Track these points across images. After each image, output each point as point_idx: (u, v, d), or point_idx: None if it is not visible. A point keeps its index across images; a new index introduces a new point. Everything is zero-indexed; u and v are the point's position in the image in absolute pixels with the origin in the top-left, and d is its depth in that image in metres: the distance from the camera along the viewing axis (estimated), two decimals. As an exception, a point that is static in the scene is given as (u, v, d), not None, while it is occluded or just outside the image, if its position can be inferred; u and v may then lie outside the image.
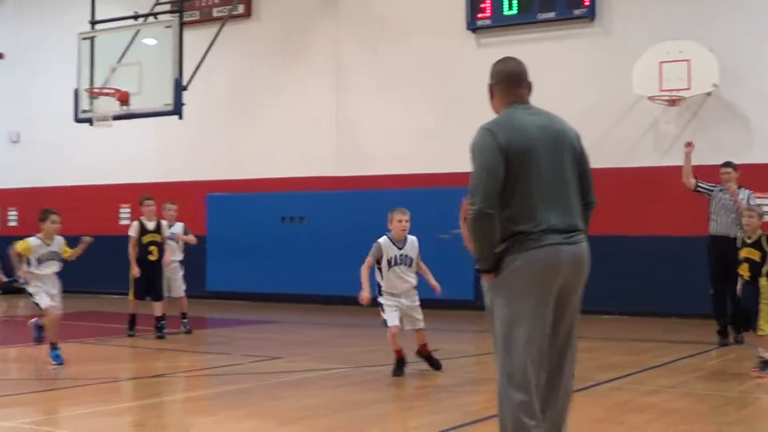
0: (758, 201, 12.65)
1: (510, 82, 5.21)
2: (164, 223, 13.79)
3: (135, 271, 13.36)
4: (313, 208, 19.91)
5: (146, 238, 13.48)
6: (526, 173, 4.88)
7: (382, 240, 9.81)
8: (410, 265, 9.83)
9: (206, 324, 16.70)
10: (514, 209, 4.88)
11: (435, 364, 10.01)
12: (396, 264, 9.73)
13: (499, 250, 4.91)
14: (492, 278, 4.97)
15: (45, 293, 10.52)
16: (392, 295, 9.74)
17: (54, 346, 10.44)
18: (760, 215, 10.15)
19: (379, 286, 9.82)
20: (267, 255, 20.16)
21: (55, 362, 10.33)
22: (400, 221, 9.77)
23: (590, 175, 5.23)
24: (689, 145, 13.09)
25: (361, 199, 19.05)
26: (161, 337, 13.19)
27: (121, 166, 22.65)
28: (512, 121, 5.03)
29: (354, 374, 10.03)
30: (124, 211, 22.41)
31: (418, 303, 9.88)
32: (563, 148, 5.06)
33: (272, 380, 9.51)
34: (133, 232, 13.57)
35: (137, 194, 21.99)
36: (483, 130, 5.00)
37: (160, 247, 13.54)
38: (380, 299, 9.79)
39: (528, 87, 5.26)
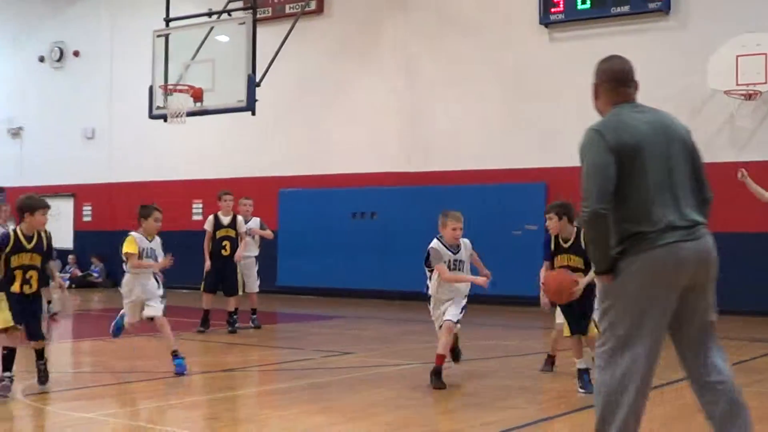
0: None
1: (617, 81, 5.11)
2: (240, 218, 13.80)
3: (207, 264, 13.48)
4: (383, 203, 19.94)
5: (220, 233, 13.56)
6: (638, 171, 4.77)
7: (436, 245, 9.06)
8: (463, 270, 9.16)
9: (277, 319, 16.82)
10: (629, 209, 4.78)
11: (438, 381, 8.89)
12: (450, 269, 9.04)
13: (616, 252, 4.80)
14: (610, 279, 4.83)
15: (134, 300, 9.89)
16: (441, 302, 9.12)
17: (175, 354, 9.60)
18: None
19: (428, 292, 9.22)
20: (338, 250, 20.25)
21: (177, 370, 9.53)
22: (454, 229, 9.06)
23: (704, 169, 5.10)
24: (743, 173, 12.49)
25: (432, 195, 19.02)
26: (233, 332, 13.30)
27: (195, 161, 22.93)
28: (620, 120, 4.91)
29: (425, 370, 9.99)
30: (197, 207, 22.69)
31: (459, 302, 9.09)
32: (674, 143, 4.94)
33: (344, 375, 9.55)
34: (208, 226, 13.66)
35: (210, 190, 22.29)
36: (590, 131, 4.90)
37: (234, 242, 13.60)
38: (430, 307, 9.27)
39: (635, 86, 5.14)
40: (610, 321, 4.84)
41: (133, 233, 9.93)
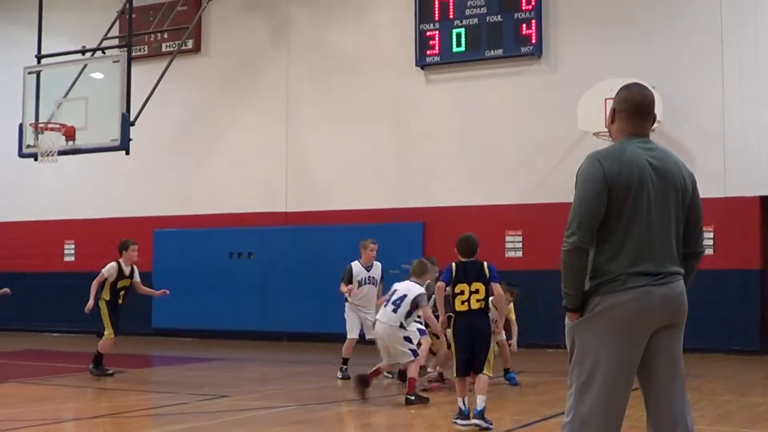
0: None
1: (636, 112, 4.99)
2: None
3: None
4: (261, 243, 19.79)
5: None
6: (627, 211, 4.64)
7: None
8: None
9: (152, 362, 16.47)
10: (608, 247, 4.64)
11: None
12: None
13: (586, 289, 4.65)
14: (576, 317, 4.68)
15: None
16: None
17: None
18: None
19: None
20: (214, 291, 19.98)
21: None
22: None
23: (700, 222, 4.92)
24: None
25: (310, 235, 19.01)
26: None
27: (67, 201, 22.36)
28: (624, 154, 4.77)
29: (303, 412, 9.93)
30: (69, 247, 22.09)
31: None
32: (672, 189, 4.78)
33: (220, 419, 9.38)
34: None
35: (83, 230, 21.83)
36: (592, 159, 4.80)
37: None
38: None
39: (653, 119, 5.01)
40: (575, 364, 4.70)
41: None
